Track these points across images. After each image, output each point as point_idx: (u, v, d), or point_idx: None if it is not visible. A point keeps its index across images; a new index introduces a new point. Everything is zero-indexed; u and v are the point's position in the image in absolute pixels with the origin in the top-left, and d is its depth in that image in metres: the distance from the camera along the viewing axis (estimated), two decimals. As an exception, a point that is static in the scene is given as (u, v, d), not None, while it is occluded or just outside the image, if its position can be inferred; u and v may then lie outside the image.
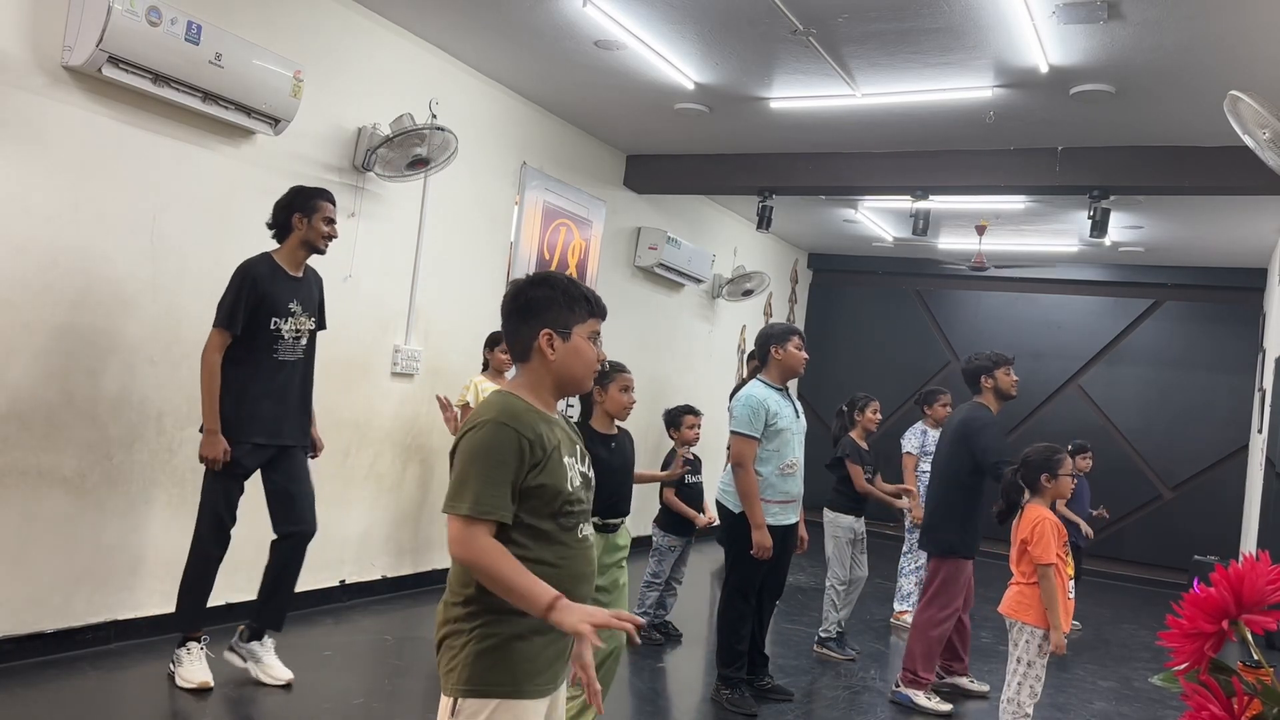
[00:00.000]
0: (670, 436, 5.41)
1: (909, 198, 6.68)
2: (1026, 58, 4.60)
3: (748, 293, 8.96)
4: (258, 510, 3.77)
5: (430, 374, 5.60)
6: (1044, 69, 4.69)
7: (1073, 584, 3.71)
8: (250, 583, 4.01)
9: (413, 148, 4.92)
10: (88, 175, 3.79)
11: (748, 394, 4.18)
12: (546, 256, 6.49)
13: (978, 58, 4.67)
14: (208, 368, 3.57)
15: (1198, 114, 5.06)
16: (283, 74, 4.23)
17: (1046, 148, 5.93)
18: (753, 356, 4.50)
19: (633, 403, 3.54)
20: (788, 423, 4.17)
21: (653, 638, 5.10)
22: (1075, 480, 5.65)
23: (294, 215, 3.72)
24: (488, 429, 1.78)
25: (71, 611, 3.86)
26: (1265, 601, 0.99)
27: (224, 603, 4.23)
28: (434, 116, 5.13)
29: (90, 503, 3.88)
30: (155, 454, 4.11)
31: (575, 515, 1.87)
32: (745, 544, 4.07)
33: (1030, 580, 3.55)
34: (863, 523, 5.30)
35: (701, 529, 5.21)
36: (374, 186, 5.09)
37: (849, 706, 4.38)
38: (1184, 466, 9.27)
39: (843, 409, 5.54)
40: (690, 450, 5.34)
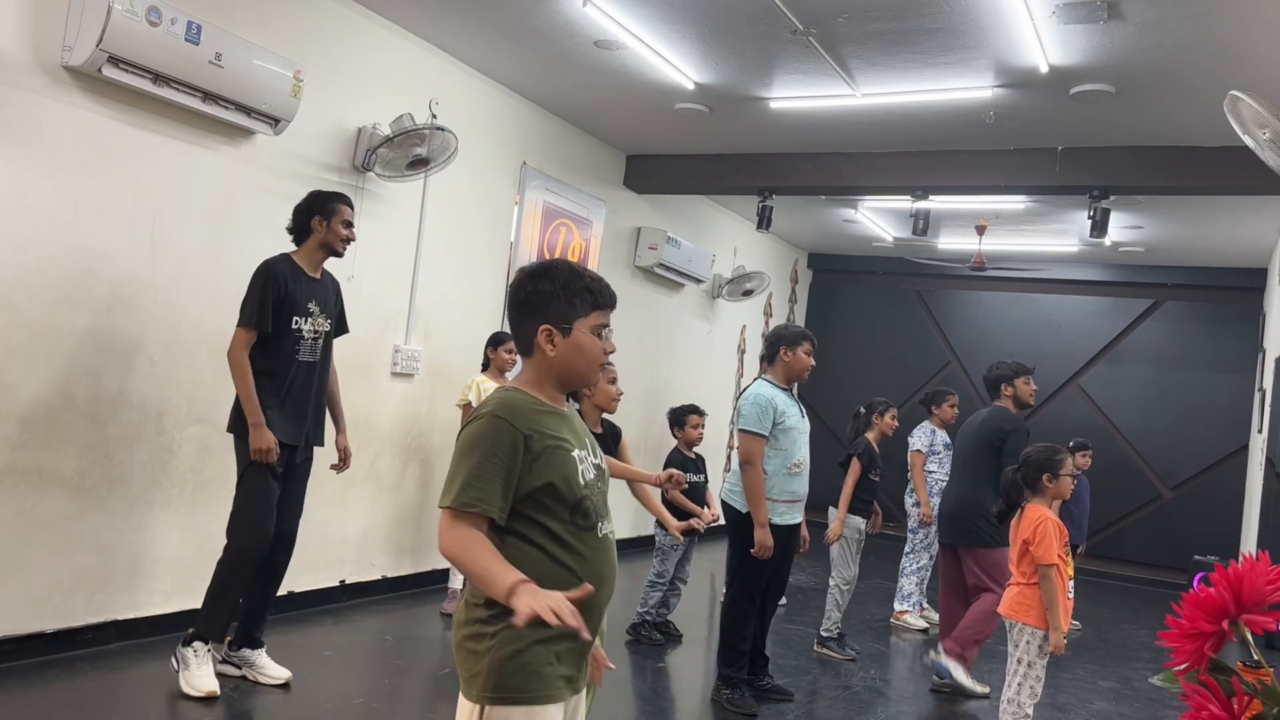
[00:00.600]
0: (674, 435, 5.41)
1: (909, 198, 6.68)
2: (1026, 58, 4.60)
3: (748, 293, 8.96)
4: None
5: (430, 374, 5.60)
6: (1044, 69, 4.69)
7: (1071, 584, 3.73)
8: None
9: (413, 148, 4.92)
10: (88, 175, 3.79)
11: (756, 393, 4.20)
12: (546, 256, 6.50)
13: (978, 58, 4.67)
14: (238, 365, 3.57)
15: (1198, 114, 5.07)
16: (283, 74, 4.23)
17: (1046, 148, 5.93)
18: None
19: (620, 394, 3.54)
20: (795, 422, 4.21)
21: (653, 638, 5.10)
22: (1075, 479, 5.71)
23: (313, 218, 3.75)
24: (481, 423, 1.76)
25: (71, 611, 3.86)
26: (1265, 601, 0.99)
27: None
28: (434, 116, 5.14)
29: (90, 503, 3.88)
30: (155, 454, 4.11)
31: (592, 513, 1.81)
32: (751, 544, 4.08)
33: (1030, 580, 3.55)
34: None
35: (709, 523, 5.23)
36: (374, 186, 5.09)
37: (849, 706, 4.38)
38: (1184, 466, 9.27)
39: (860, 411, 5.62)
40: (693, 451, 5.37)
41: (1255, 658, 1.02)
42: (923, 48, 4.61)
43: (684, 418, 5.32)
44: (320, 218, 3.75)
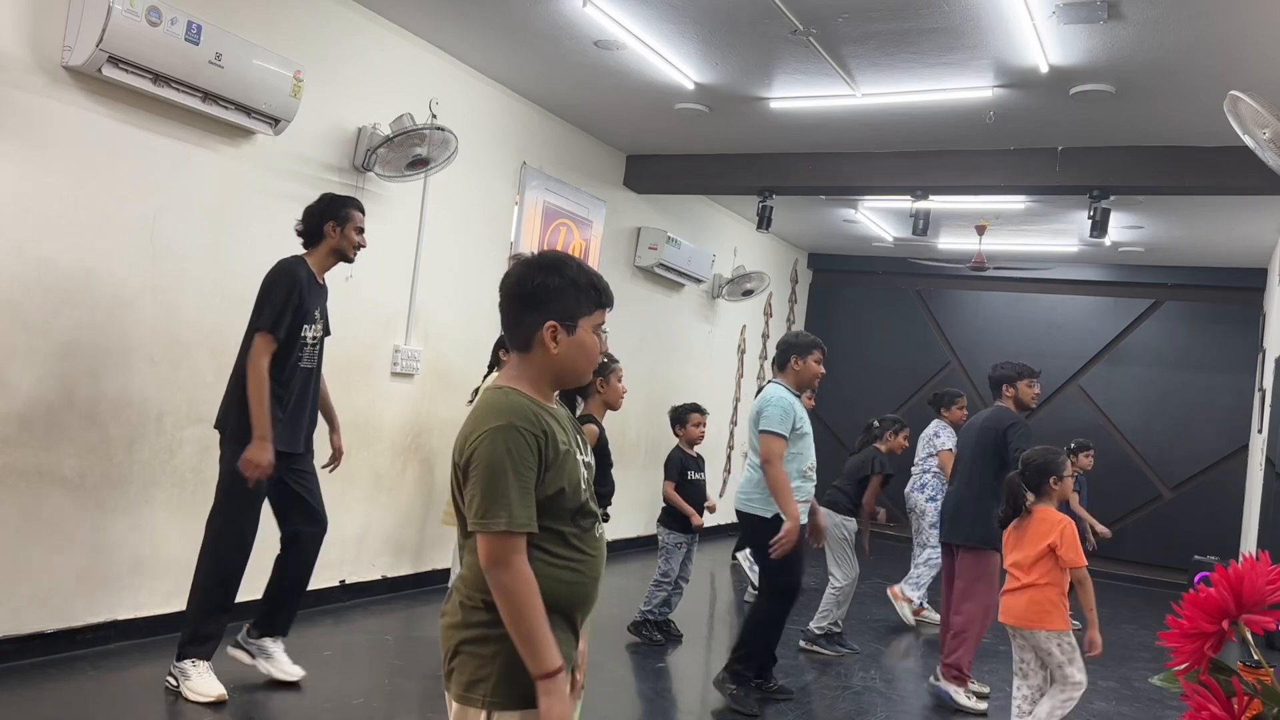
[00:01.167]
0: (675, 434, 5.43)
1: (909, 198, 6.68)
2: (1026, 58, 4.60)
3: (748, 293, 8.96)
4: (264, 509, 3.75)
5: (430, 374, 5.60)
6: (1044, 69, 4.69)
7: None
8: (258, 581, 3.98)
9: (413, 148, 4.92)
10: (87, 176, 3.79)
11: (778, 395, 4.23)
12: (546, 256, 6.50)
13: (978, 58, 4.67)
14: (257, 374, 3.45)
15: (1198, 114, 5.06)
16: (283, 74, 4.23)
17: (1046, 148, 5.93)
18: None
19: (625, 391, 3.64)
20: (808, 427, 4.29)
21: (654, 637, 5.10)
22: (1075, 479, 5.77)
23: (327, 223, 3.69)
24: (503, 434, 1.67)
25: (71, 611, 3.86)
26: (1265, 601, 0.99)
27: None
28: (434, 116, 5.14)
29: (90, 503, 3.88)
30: (155, 454, 4.11)
31: (591, 514, 1.80)
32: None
33: (1047, 581, 3.53)
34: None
35: (712, 514, 5.28)
36: (374, 186, 5.09)
37: (849, 706, 4.38)
38: (1184, 466, 9.27)
39: (873, 424, 5.80)
40: (694, 449, 5.38)
41: (1255, 658, 1.02)
42: (923, 48, 4.61)
43: (686, 416, 5.35)
44: (335, 223, 3.69)
